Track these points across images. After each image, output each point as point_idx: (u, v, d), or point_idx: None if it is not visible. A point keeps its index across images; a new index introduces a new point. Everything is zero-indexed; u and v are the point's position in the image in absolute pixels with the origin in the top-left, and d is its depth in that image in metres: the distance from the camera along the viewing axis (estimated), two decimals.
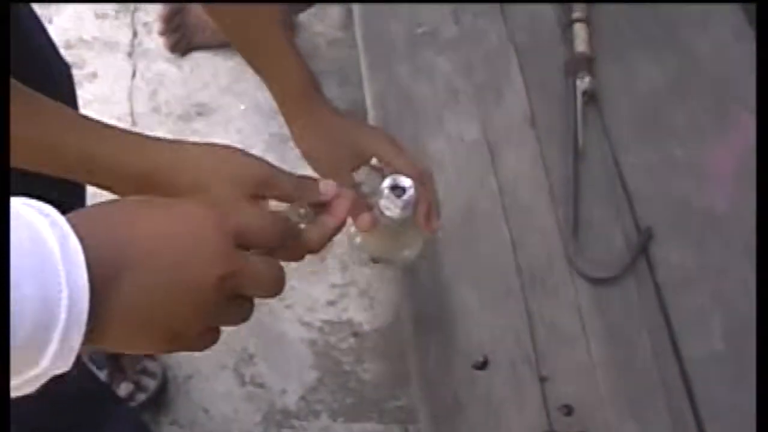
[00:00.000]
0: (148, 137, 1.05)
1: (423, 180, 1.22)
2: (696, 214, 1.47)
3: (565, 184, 1.50)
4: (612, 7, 1.74)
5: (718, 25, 1.72)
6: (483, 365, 1.29)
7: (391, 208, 1.17)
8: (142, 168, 1.01)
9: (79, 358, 1.93)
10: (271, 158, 2.48)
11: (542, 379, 1.30)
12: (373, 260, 1.31)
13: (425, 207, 1.22)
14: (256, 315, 2.21)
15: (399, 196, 1.16)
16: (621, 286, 1.39)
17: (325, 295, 2.22)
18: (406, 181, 1.17)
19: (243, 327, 2.20)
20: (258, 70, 1.34)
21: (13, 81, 0.91)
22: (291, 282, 2.20)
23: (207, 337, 0.86)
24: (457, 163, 1.52)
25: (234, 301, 0.85)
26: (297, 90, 1.32)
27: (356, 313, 2.19)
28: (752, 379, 1.26)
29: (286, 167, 2.52)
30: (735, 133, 1.57)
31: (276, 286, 0.88)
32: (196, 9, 2.55)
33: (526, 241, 1.43)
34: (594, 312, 1.36)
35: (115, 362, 2.08)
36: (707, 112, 1.59)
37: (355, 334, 2.16)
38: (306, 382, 2.10)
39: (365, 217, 1.17)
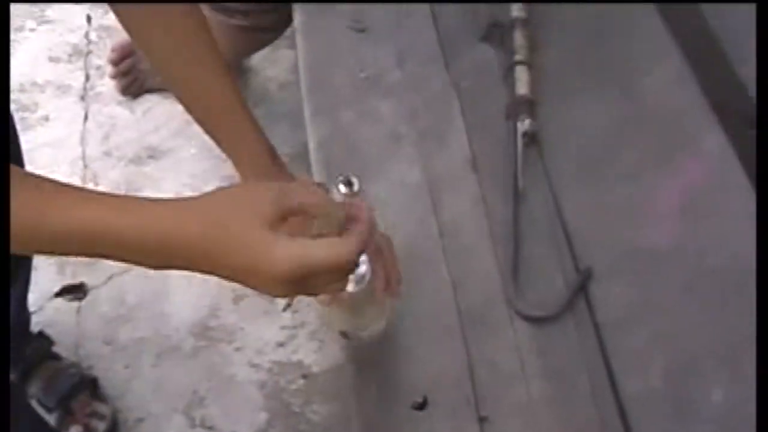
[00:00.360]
0: (147, 200, 1.03)
1: (380, 250, 1.25)
2: (636, 254, 1.49)
3: (505, 226, 1.52)
4: (554, 50, 1.77)
5: (660, 69, 1.74)
6: (422, 406, 1.31)
7: None
8: (154, 231, 0.99)
9: (28, 403, 1.92)
10: None
11: (482, 420, 1.31)
12: (341, 335, 1.33)
13: (381, 280, 1.24)
14: (206, 357, 2.21)
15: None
16: (560, 326, 1.41)
17: (275, 337, 2.23)
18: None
19: (194, 369, 2.21)
20: (215, 140, 1.35)
21: None
22: (241, 324, 2.22)
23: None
24: (398, 205, 1.54)
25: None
26: (254, 162, 1.33)
27: (306, 354, 2.20)
28: (689, 416, 1.29)
29: None
30: (676, 175, 1.60)
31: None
32: None
33: (466, 283, 1.45)
34: (533, 352, 1.37)
35: (65, 405, 2.08)
36: (648, 155, 1.61)
37: (305, 376, 2.16)
38: (256, 424, 2.11)
39: None
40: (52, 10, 2.96)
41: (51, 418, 2.04)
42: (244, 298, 2.25)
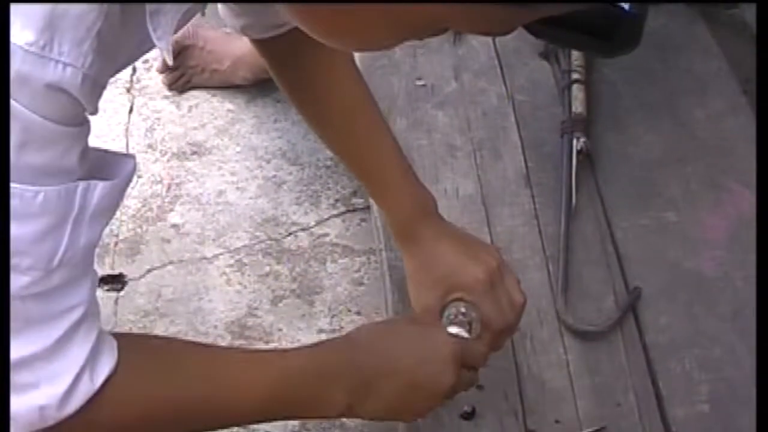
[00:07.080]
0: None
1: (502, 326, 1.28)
2: (685, 279, 1.50)
3: (557, 242, 1.52)
4: (611, 72, 1.78)
5: (714, 97, 1.75)
6: (470, 415, 1.31)
7: None
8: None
9: None
10: (263, 202, 2.49)
11: None
12: None
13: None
14: None
15: None
16: (609, 346, 1.41)
17: (312, 340, 2.22)
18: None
19: None
20: (367, 189, 1.39)
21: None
22: (279, 324, 2.21)
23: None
24: (452, 217, 1.54)
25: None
26: (407, 217, 1.34)
27: None
28: None
29: (279, 213, 2.51)
30: (727, 203, 1.60)
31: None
32: (196, 49, 2.58)
33: None
34: (582, 370, 1.38)
35: None
36: (700, 181, 1.63)
37: None
38: (290, 426, 2.10)
39: None
40: None
41: None
42: (282, 299, 2.25)
